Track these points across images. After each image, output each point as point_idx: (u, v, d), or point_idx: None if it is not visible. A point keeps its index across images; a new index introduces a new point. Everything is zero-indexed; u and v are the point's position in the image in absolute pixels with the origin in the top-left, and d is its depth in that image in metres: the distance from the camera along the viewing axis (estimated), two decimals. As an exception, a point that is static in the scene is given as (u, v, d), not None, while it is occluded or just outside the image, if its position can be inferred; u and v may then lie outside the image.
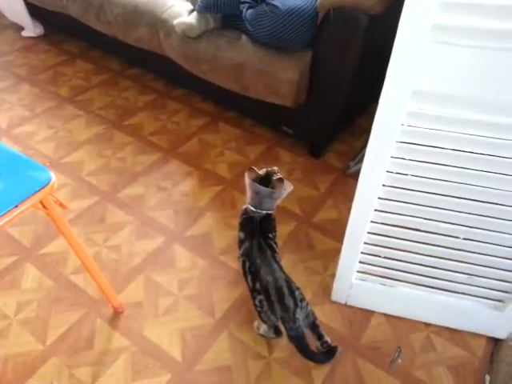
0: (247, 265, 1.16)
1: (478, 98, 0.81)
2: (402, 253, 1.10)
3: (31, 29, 2.49)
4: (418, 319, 1.26)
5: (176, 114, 2.01)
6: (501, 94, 0.79)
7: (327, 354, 1.14)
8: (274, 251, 1.18)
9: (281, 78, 1.52)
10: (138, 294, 1.31)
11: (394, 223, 1.05)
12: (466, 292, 1.14)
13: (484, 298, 1.14)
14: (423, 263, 1.11)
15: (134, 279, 1.35)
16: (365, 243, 1.12)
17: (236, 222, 1.27)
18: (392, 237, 1.08)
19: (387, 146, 0.91)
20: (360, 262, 1.17)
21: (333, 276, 1.27)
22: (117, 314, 1.26)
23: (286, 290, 1.09)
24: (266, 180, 1.23)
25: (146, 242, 1.46)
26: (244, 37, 1.60)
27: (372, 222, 1.06)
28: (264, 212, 1.21)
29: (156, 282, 1.34)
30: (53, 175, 0.89)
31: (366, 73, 1.52)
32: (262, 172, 1.24)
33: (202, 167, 1.75)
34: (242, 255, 1.19)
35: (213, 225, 1.52)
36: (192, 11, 1.70)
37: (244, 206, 1.26)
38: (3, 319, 1.25)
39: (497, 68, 0.76)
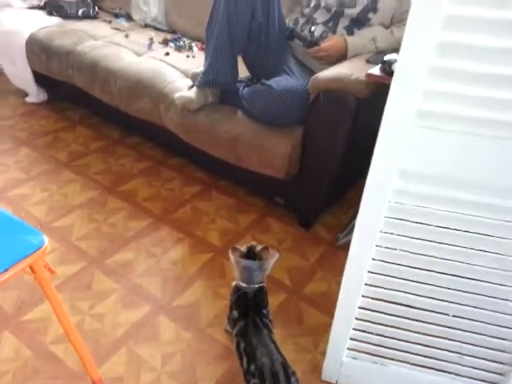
0: (242, 345, 1.12)
1: (462, 179, 0.85)
2: (394, 329, 1.08)
3: (35, 95, 2.60)
4: (412, 402, 1.20)
5: (170, 181, 2.05)
6: (484, 176, 0.83)
7: None
8: (270, 331, 1.15)
9: (274, 152, 1.59)
10: (119, 368, 1.25)
11: (384, 298, 1.04)
12: (459, 373, 1.10)
13: (478, 380, 1.10)
14: (415, 341, 1.08)
15: (116, 352, 1.29)
16: (356, 318, 1.10)
17: (225, 291, 1.26)
18: (383, 312, 1.06)
19: (376, 220, 0.93)
20: (351, 339, 1.14)
21: (323, 354, 1.23)
22: (95, 389, 1.19)
23: (282, 377, 1.03)
24: (250, 255, 1.24)
25: (131, 311, 1.42)
26: (240, 112, 1.69)
27: (363, 296, 1.06)
28: (256, 286, 1.20)
29: (138, 355, 1.29)
30: (46, 238, 0.89)
31: (355, 149, 1.59)
32: (243, 249, 1.26)
33: (192, 234, 1.75)
34: (237, 335, 1.15)
35: (201, 294, 1.49)
36: (192, 87, 1.80)
37: (234, 283, 1.25)
38: (-28, 393, 1.17)
39: (479, 151, 0.81)
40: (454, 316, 1.01)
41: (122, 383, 1.21)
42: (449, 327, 1.04)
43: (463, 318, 1.01)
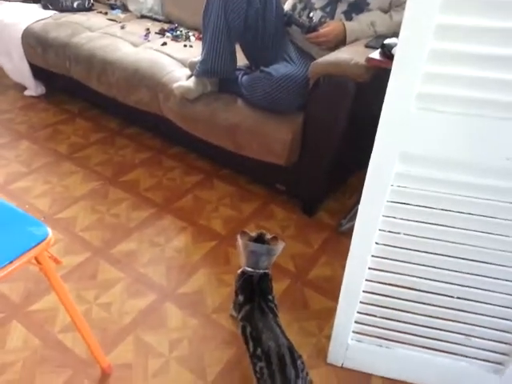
0: (248, 330, 1.13)
1: (463, 161, 0.85)
2: (399, 312, 1.09)
3: (33, 88, 2.59)
4: (417, 382, 1.22)
5: (172, 170, 2.05)
6: (485, 157, 0.83)
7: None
8: (275, 315, 1.16)
9: (274, 138, 1.59)
10: (127, 355, 1.27)
11: (388, 282, 1.05)
12: (464, 354, 1.12)
13: (483, 360, 1.12)
14: (420, 323, 1.09)
15: (124, 339, 1.31)
16: (360, 302, 1.11)
17: (229, 278, 1.27)
18: (387, 296, 1.07)
19: (378, 205, 0.94)
20: (356, 322, 1.15)
21: (328, 337, 1.24)
22: (105, 375, 1.21)
23: (288, 360, 1.05)
24: (259, 241, 1.25)
25: (138, 299, 1.43)
26: (239, 100, 1.68)
27: (367, 280, 1.07)
28: (261, 271, 1.22)
29: (146, 342, 1.30)
30: (49, 230, 0.90)
31: (356, 134, 1.59)
32: (253, 234, 1.26)
33: (196, 223, 1.76)
34: (242, 319, 1.17)
35: (206, 282, 1.50)
36: (190, 76, 1.79)
37: (240, 270, 1.26)
38: (-16, 382, 1.19)
39: (480, 133, 0.81)
40: (458, 298, 1.02)
41: (130, 370, 1.23)
42: (453, 309, 1.05)
43: (467, 299, 1.02)
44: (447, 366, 1.15)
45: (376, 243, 1.00)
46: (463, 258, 0.97)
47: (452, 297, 1.03)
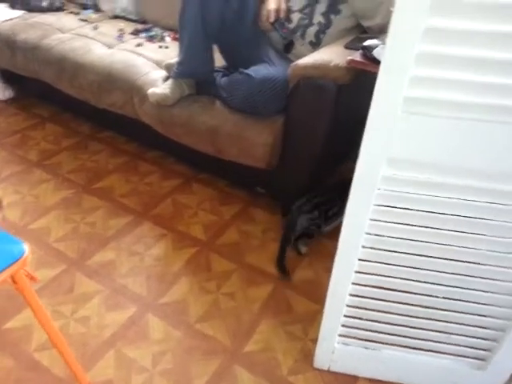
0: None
1: (449, 164, 0.85)
2: (385, 314, 1.09)
3: (1, 92, 2.48)
4: (404, 382, 1.22)
5: (148, 175, 2.00)
6: (471, 160, 0.84)
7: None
8: None
9: (255, 142, 1.56)
10: (108, 371, 1.22)
11: (375, 284, 1.05)
12: (448, 351, 1.13)
13: (466, 356, 1.13)
14: (405, 324, 1.10)
15: (104, 355, 1.26)
16: (347, 306, 1.10)
17: (212, 285, 1.25)
18: (374, 298, 1.07)
19: (365, 209, 0.93)
20: (342, 326, 1.14)
21: (314, 341, 1.23)
22: (85, 395, 1.16)
23: None
24: None
25: (117, 312, 1.38)
26: (218, 102, 1.65)
27: (353, 283, 1.06)
28: None
29: (128, 356, 1.26)
30: (26, 248, 0.84)
31: (336, 137, 1.58)
32: None
33: (175, 229, 1.71)
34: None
35: (188, 290, 1.47)
36: (167, 78, 1.74)
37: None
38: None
39: (467, 136, 0.81)
40: (444, 298, 1.02)
41: (112, 386, 1.18)
42: (437, 308, 1.05)
43: (452, 299, 1.03)
44: (432, 364, 1.16)
45: (363, 247, 0.99)
46: (449, 259, 0.97)
47: (437, 297, 1.04)
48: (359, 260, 1.01)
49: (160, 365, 1.24)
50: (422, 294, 1.04)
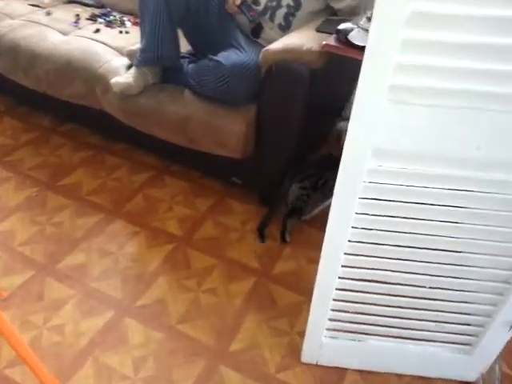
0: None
1: (435, 153, 0.82)
2: (371, 306, 1.08)
3: None
4: (391, 371, 1.22)
5: (116, 169, 1.90)
6: (456, 148, 0.81)
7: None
8: None
9: (228, 131, 1.50)
10: (87, 381, 1.16)
11: (361, 277, 1.03)
12: (435, 339, 1.13)
13: (452, 343, 1.14)
14: (391, 314, 1.09)
15: (83, 364, 1.19)
16: (333, 300, 1.08)
17: (191, 283, 1.20)
18: (360, 291, 1.05)
19: (351, 202, 0.89)
20: (329, 320, 1.12)
21: (300, 334, 1.21)
22: (63, 410, 1.10)
23: None
24: None
25: (93, 318, 1.31)
26: (186, 91, 1.56)
27: (340, 277, 1.03)
28: None
29: (107, 364, 1.20)
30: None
31: (313, 123, 1.54)
32: None
33: (149, 225, 1.64)
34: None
35: (166, 290, 1.41)
36: (130, 66, 1.64)
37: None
38: None
39: (451, 123, 0.78)
40: (430, 288, 1.01)
41: (92, 398, 1.12)
42: (422, 298, 1.05)
43: (437, 288, 1.02)
44: (419, 352, 1.16)
45: (349, 241, 0.96)
46: (435, 249, 0.96)
47: (424, 287, 1.03)
48: (345, 254, 0.98)
49: (142, 371, 1.19)
50: (409, 285, 1.02)
